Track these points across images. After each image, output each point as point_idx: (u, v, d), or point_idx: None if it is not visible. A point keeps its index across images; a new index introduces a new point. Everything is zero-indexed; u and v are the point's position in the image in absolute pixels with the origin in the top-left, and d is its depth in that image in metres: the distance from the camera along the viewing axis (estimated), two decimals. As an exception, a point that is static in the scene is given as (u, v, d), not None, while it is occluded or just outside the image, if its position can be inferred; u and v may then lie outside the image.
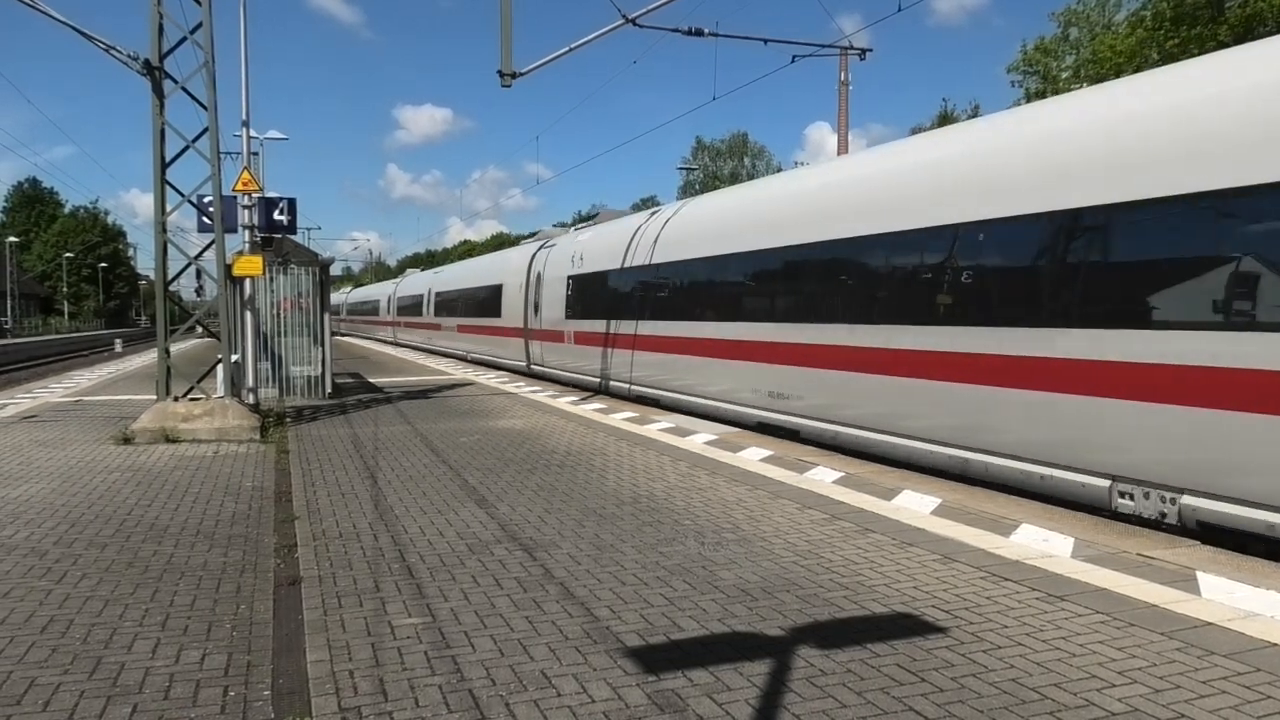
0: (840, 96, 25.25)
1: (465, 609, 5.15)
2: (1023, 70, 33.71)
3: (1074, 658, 4.39)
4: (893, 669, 4.27)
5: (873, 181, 11.49)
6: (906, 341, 9.73)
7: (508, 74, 14.74)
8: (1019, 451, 8.40)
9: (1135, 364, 7.22)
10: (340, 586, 5.59)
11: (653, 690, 4.05)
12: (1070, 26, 33.50)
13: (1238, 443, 6.54)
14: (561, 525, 7.11)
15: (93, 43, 12.14)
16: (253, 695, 4.08)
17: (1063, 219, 8.01)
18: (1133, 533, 6.86)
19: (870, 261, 10.75)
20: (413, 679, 4.19)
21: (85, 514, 7.58)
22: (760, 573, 5.80)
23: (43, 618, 5.08)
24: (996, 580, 5.62)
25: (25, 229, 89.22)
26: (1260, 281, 6.50)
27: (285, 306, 17.23)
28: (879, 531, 6.84)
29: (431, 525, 7.13)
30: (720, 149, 75.69)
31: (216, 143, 12.48)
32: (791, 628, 4.84)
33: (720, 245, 14.37)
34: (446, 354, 33.80)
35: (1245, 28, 23.20)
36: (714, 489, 8.48)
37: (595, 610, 5.12)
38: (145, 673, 4.32)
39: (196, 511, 7.69)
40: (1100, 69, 27.04)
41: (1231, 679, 4.12)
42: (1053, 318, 8.05)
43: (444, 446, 11.11)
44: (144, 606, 5.27)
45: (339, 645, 4.62)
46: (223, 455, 10.66)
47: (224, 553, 6.41)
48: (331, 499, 8.16)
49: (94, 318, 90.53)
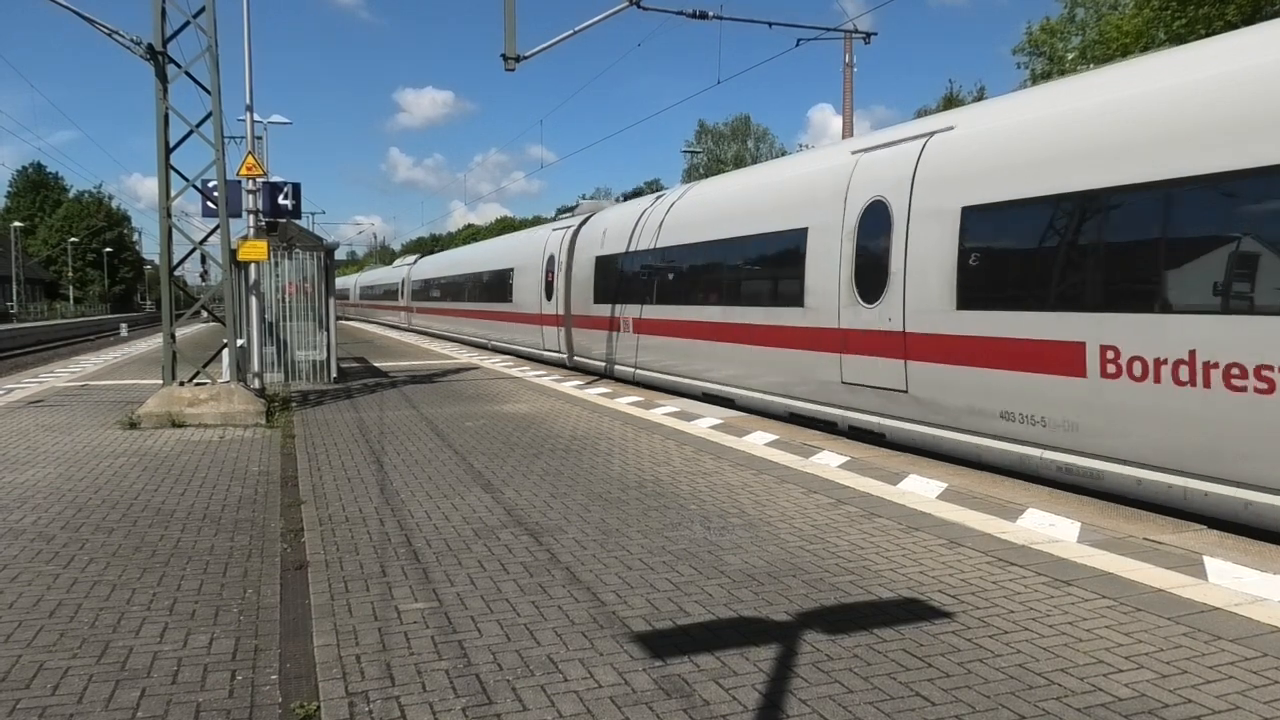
0: (845, 79, 25.12)
1: (471, 594, 5.16)
2: (1028, 51, 33.47)
3: (1080, 643, 4.39)
4: (899, 654, 4.27)
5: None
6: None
7: (512, 57, 14.70)
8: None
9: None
10: (347, 571, 5.60)
11: (659, 675, 4.05)
12: (1077, 7, 33.24)
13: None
14: (567, 510, 7.11)
15: (95, 27, 12.12)
16: (260, 679, 4.10)
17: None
18: (1139, 517, 6.85)
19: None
20: (419, 663, 4.20)
21: (92, 499, 7.60)
22: (766, 557, 5.80)
23: (50, 602, 5.10)
24: (1002, 565, 5.61)
25: (30, 214, 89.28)
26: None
27: (290, 291, 17.23)
28: (885, 516, 6.83)
29: (437, 510, 7.14)
30: (724, 132, 75.52)
31: (220, 127, 12.44)
32: (798, 612, 4.84)
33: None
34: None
35: (1253, 7, 22.98)
36: (719, 473, 8.48)
37: (601, 595, 5.13)
38: (153, 657, 4.33)
39: (203, 496, 7.71)
40: (1107, 49, 26.83)
41: (1239, 664, 4.11)
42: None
43: (449, 431, 11.12)
44: (151, 591, 5.28)
45: (346, 630, 4.63)
46: (229, 440, 10.67)
47: (230, 537, 6.43)
48: (337, 483, 8.17)
49: (99, 303, 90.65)
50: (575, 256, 20.32)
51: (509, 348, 25.96)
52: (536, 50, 15.38)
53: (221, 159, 12.51)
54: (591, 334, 19.20)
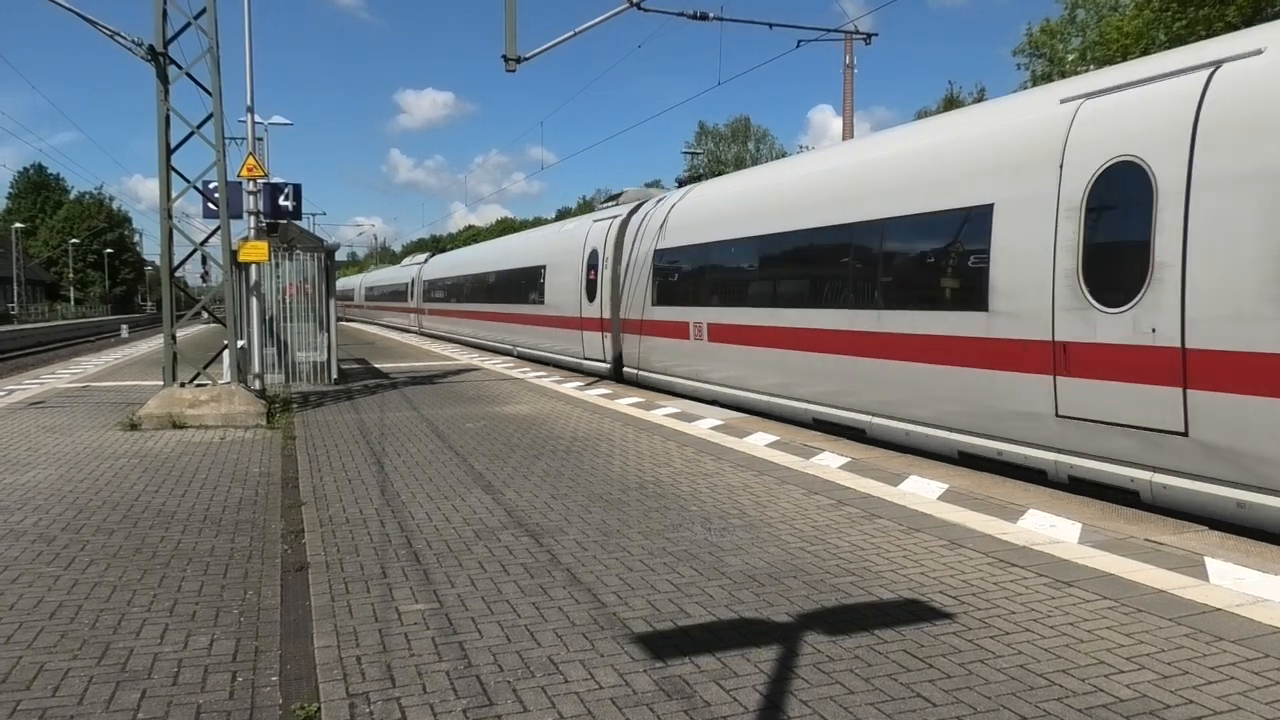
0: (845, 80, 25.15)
1: (472, 595, 5.16)
2: (1029, 53, 33.49)
3: (1082, 644, 4.38)
4: (900, 655, 4.26)
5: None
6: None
7: (513, 59, 14.70)
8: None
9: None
10: (347, 572, 5.60)
11: (660, 676, 4.05)
12: (1077, 8, 33.25)
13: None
14: (568, 511, 7.11)
15: (97, 29, 12.13)
16: (260, 681, 4.10)
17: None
18: (1141, 518, 6.84)
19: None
20: (420, 665, 4.20)
21: (93, 500, 7.60)
22: (767, 559, 5.80)
23: (51, 603, 5.10)
24: (1004, 566, 5.61)
25: (31, 215, 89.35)
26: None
27: (291, 292, 17.24)
28: (885, 517, 6.83)
29: (438, 511, 7.14)
30: (724, 133, 75.67)
31: (221, 128, 12.44)
32: (799, 614, 4.83)
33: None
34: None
35: (1254, 9, 22.98)
36: (720, 474, 8.47)
37: (602, 596, 5.12)
38: (154, 658, 4.33)
39: (204, 497, 7.71)
40: (1108, 51, 26.82)
41: (1240, 664, 4.11)
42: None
43: (450, 432, 11.12)
44: (152, 592, 5.28)
45: (346, 631, 4.63)
46: (229, 441, 10.67)
47: (231, 538, 6.43)
48: (338, 485, 8.17)
49: (100, 304, 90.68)
50: (625, 250, 17.53)
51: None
52: (537, 51, 15.40)
53: (222, 160, 12.51)
54: (649, 342, 16.45)
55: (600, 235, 18.76)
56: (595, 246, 18.90)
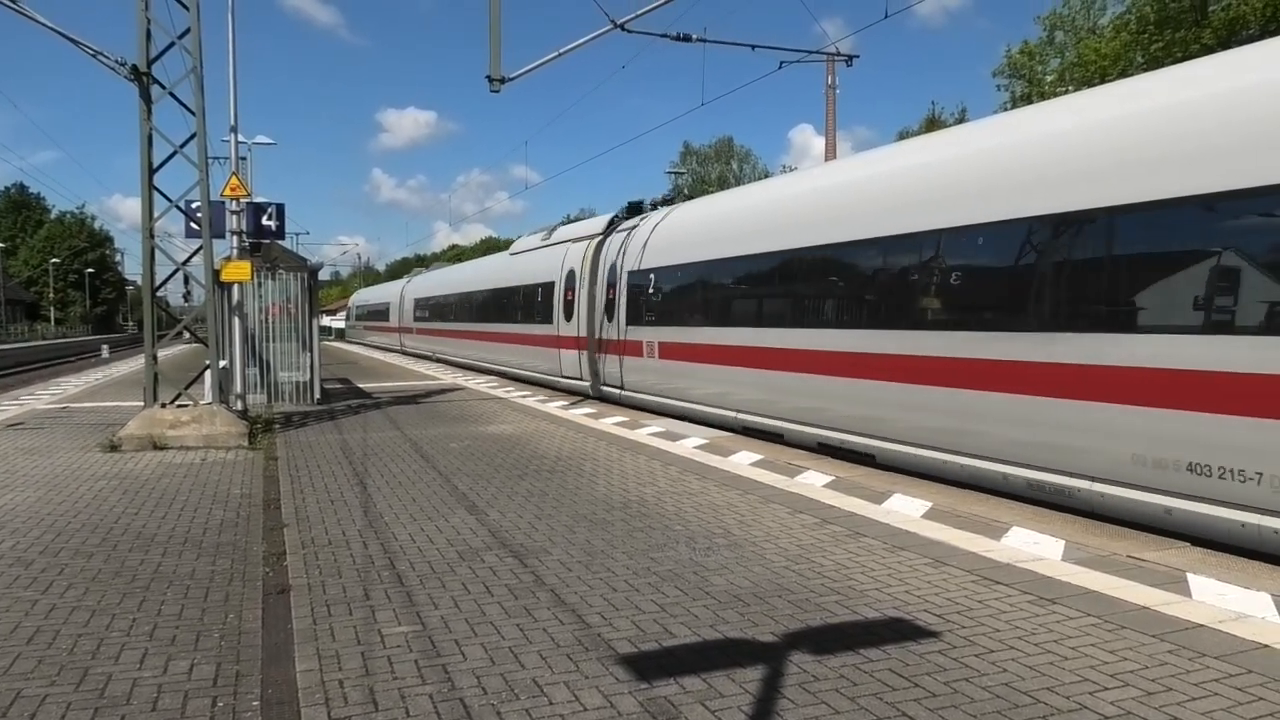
0: (828, 101, 25.37)
1: (456, 617, 5.12)
2: (1008, 74, 33.91)
3: (1066, 661, 4.39)
4: (885, 674, 4.26)
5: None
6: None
7: (497, 79, 14.74)
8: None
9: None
10: (330, 595, 5.55)
11: (645, 698, 4.03)
12: (1056, 30, 33.71)
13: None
14: (552, 531, 7.08)
15: (80, 48, 12.09)
16: (241, 706, 4.05)
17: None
18: (1123, 535, 6.88)
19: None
20: (403, 688, 4.16)
21: (71, 523, 7.51)
22: (752, 578, 5.79)
23: (29, 628, 5.03)
24: (988, 584, 5.62)
25: (11, 234, 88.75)
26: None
27: (273, 312, 17.16)
28: (870, 535, 6.84)
29: (421, 532, 7.10)
30: (707, 153, 76.13)
31: (204, 148, 12.42)
32: (784, 633, 4.82)
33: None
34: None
35: (1229, 31, 23.36)
36: (704, 494, 8.47)
37: (587, 617, 5.10)
38: (133, 683, 4.27)
39: (184, 519, 7.63)
40: (1085, 72, 27.19)
41: (1223, 681, 4.13)
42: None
43: (433, 452, 11.07)
44: (131, 616, 5.22)
45: (329, 654, 4.58)
46: (210, 462, 10.59)
47: (212, 561, 6.36)
48: (320, 506, 8.11)
49: (81, 324, 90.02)
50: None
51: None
52: (522, 72, 15.45)
53: (205, 180, 12.48)
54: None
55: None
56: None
